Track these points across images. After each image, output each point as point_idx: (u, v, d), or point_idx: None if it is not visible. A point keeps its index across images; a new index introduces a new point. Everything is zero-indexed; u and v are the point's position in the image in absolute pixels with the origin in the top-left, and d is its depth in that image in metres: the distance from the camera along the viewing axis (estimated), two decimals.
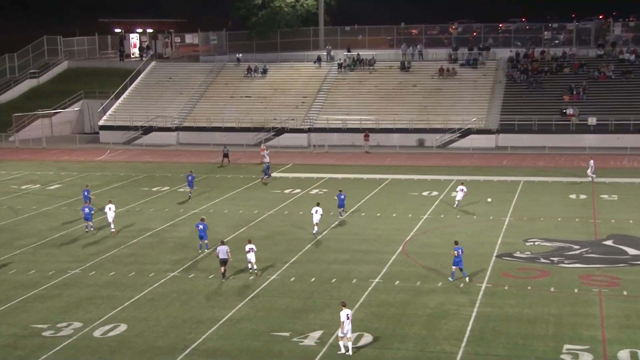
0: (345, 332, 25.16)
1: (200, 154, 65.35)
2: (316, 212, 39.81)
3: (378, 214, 44.32)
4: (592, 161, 53.73)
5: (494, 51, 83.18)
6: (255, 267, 33.33)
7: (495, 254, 35.54)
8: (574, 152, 67.43)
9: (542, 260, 34.39)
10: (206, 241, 37.21)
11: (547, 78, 77.89)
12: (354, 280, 32.13)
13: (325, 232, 40.31)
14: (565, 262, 34.16)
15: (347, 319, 25.24)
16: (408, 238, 38.94)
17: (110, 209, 41.53)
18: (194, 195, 50.50)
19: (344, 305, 25.62)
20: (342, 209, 43.47)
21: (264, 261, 34.95)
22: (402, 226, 41.46)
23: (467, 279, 31.69)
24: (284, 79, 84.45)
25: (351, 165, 63.39)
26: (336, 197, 44.09)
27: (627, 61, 77.92)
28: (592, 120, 70.33)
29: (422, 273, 32.86)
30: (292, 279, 32.43)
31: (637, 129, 69.38)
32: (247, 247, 33.51)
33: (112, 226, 41.32)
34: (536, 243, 37.48)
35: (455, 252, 32.03)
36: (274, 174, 59.37)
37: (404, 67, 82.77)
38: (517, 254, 35.48)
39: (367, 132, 71.93)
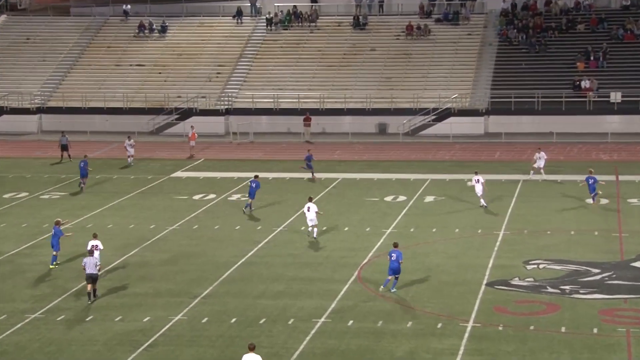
0: None
1: (73, 145, 64.62)
2: (308, 210, 41.81)
3: (324, 228, 44.47)
4: (542, 153, 55.15)
5: (482, 1, 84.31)
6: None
7: (485, 282, 36.00)
8: (591, 139, 68.76)
9: (550, 290, 34.93)
10: (55, 253, 38.47)
11: (554, 38, 79.24)
12: (292, 320, 32.18)
13: (251, 254, 40.31)
14: (581, 291, 34.78)
15: None
16: (365, 261, 39.16)
17: None
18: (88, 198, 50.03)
19: (252, 349, 25.61)
20: (251, 201, 47.12)
21: (164, 295, 34.75)
22: (358, 244, 41.69)
23: (381, 288, 34.32)
24: (190, 41, 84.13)
25: (286, 161, 63.47)
26: (249, 183, 47.67)
27: None
28: (615, 96, 71.81)
29: (385, 309, 33.10)
30: (205, 319, 32.33)
31: None
32: (91, 243, 35.69)
33: None
34: (541, 266, 38.06)
35: (389, 256, 34.09)
36: (176, 174, 59.10)
37: (359, 24, 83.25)
38: (516, 282, 35.98)
39: (307, 114, 72.18)
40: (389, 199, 51.11)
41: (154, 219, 47.04)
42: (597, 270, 37.10)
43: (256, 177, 48.67)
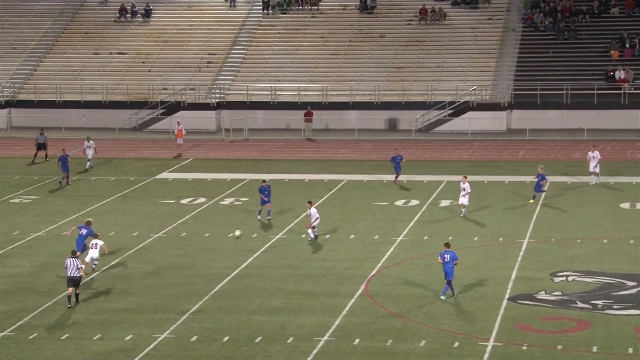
0: None
1: (47, 143, 64.72)
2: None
3: (327, 236, 44.53)
4: (595, 152, 54.18)
5: None
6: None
7: (507, 296, 36.06)
8: (627, 136, 68.81)
9: (580, 305, 34.97)
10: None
11: (585, 23, 79.27)
12: (291, 339, 32.26)
13: (246, 264, 40.39)
14: (615, 306, 34.83)
15: None
16: (374, 272, 39.22)
17: None
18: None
19: None
20: (267, 205, 47.19)
21: (149, 311, 34.83)
22: (365, 254, 41.76)
23: (453, 295, 35.50)
24: (177, 26, 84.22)
25: (285, 161, 63.54)
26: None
27: None
28: None
29: (395, 326, 33.17)
30: (194, 338, 32.40)
31: None
32: (92, 242, 38.05)
33: None
34: (570, 278, 38.11)
35: (440, 259, 35.38)
36: (161, 175, 59.20)
37: (366, 7, 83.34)
38: (542, 296, 36.05)
39: (309, 108, 72.27)
40: (400, 203, 51.17)
41: (137, 225, 47.08)
42: (632, 283, 37.15)
43: (264, 181, 48.63)
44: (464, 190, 47.43)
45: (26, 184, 56.57)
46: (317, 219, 43.38)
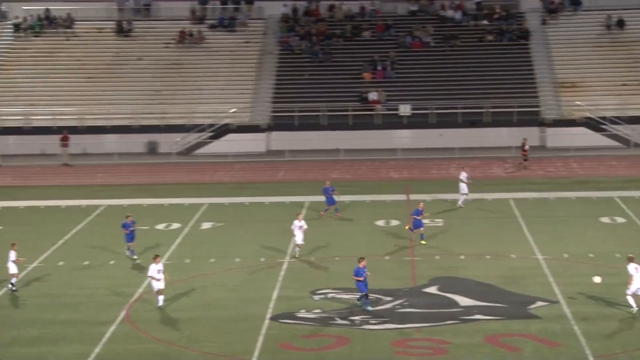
0: None
1: None
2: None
3: (86, 262, 43.90)
4: (463, 173, 53.72)
5: (261, 5, 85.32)
6: None
7: (269, 316, 36.39)
8: (381, 155, 70.69)
9: (339, 322, 35.67)
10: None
11: (339, 46, 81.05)
12: None
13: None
14: (372, 321, 35.68)
15: None
16: (135, 298, 38.89)
17: None
18: None
19: None
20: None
21: None
22: (127, 280, 41.34)
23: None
24: None
25: (40, 187, 62.31)
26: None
27: (451, 20, 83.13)
28: (404, 109, 74.19)
29: (158, 351, 32.97)
30: None
31: (468, 120, 74.05)
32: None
33: None
34: (330, 295, 38.71)
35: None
36: None
37: (122, 30, 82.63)
38: (302, 314, 36.48)
39: (65, 132, 71.01)
40: (161, 226, 50.92)
41: None
42: (388, 299, 38.13)
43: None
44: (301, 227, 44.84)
45: None
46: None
